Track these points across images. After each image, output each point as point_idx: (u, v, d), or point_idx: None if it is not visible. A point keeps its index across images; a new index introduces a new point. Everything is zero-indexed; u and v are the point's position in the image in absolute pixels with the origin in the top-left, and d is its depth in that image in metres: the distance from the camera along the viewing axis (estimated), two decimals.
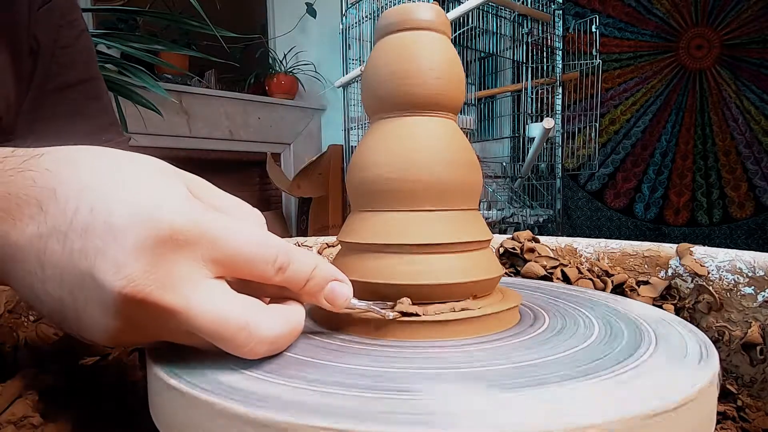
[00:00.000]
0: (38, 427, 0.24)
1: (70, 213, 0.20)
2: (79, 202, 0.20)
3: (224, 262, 0.21)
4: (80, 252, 0.19)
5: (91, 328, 0.21)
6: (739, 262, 0.38)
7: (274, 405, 0.18)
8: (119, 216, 0.19)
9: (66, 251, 0.20)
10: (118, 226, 0.19)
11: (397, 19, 0.29)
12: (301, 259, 0.23)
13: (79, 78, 0.50)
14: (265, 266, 0.22)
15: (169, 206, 0.20)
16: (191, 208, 0.21)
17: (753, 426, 0.32)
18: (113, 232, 0.19)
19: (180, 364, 0.22)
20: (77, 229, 0.19)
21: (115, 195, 0.20)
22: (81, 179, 0.20)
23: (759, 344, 0.35)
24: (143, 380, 0.24)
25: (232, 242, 0.21)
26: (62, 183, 0.20)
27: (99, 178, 0.20)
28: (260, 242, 0.22)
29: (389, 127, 0.29)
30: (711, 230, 2.34)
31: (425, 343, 0.25)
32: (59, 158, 0.21)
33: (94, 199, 0.20)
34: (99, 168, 0.21)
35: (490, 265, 0.29)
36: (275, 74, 2.59)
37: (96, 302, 0.20)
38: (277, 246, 0.22)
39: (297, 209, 2.61)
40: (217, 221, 0.21)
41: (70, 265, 0.20)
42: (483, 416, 0.17)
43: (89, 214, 0.19)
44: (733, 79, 2.26)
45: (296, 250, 0.23)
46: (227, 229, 0.21)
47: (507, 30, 1.87)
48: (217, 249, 0.21)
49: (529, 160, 1.77)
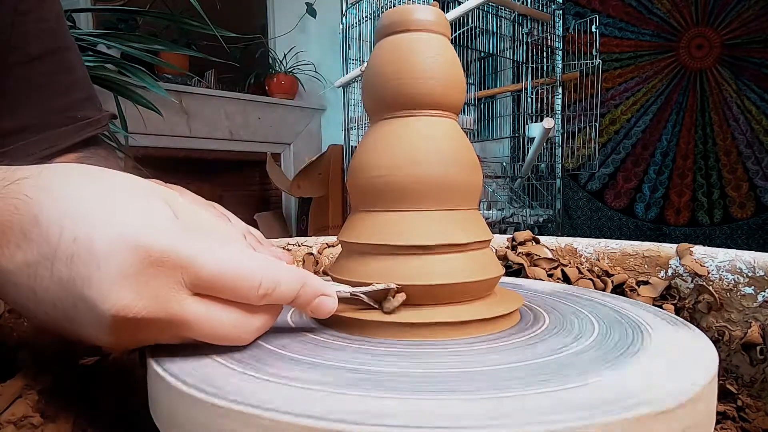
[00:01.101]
0: (38, 427, 0.24)
1: (54, 241, 0.20)
2: (62, 229, 0.20)
3: (204, 287, 0.21)
4: (68, 280, 0.20)
5: (92, 339, 0.22)
6: (739, 262, 0.38)
7: (275, 405, 0.18)
8: (101, 243, 0.19)
9: (55, 279, 0.20)
10: (101, 254, 0.19)
11: (397, 20, 0.29)
12: (288, 281, 0.23)
13: (45, 48, 0.44)
14: (248, 292, 0.22)
15: (149, 230, 0.20)
16: (171, 231, 0.21)
17: (753, 426, 0.32)
18: (96, 260, 0.19)
19: (180, 364, 0.22)
20: (62, 258, 0.20)
21: (96, 221, 0.20)
22: (61, 206, 0.20)
23: (759, 344, 0.35)
24: (143, 380, 0.24)
25: (214, 268, 0.21)
26: (43, 211, 0.20)
27: (79, 204, 0.21)
28: (243, 268, 0.22)
29: (390, 127, 0.30)
30: (712, 230, 2.34)
31: (422, 342, 0.25)
32: (39, 185, 0.21)
33: (75, 227, 0.20)
34: (79, 193, 0.21)
35: (490, 265, 0.29)
36: (275, 74, 2.59)
37: (91, 323, 0.20)
38: (261, 271, 0.22)
39: (297, 209, 2.61)
40: (197, 245, 0.21)
41: (61, 292, 0.20)
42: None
43: (73, 242, 0.20)
44: (734, 79, 2.25)
45: (284, 270, 0.23)
46: (208, 254, 0.21)
47: (507, 30, 1.87)
48: (196, 275, 0.21)
49: (529, 160, 1.77)
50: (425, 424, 0.17)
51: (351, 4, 1.99)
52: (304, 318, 0.30)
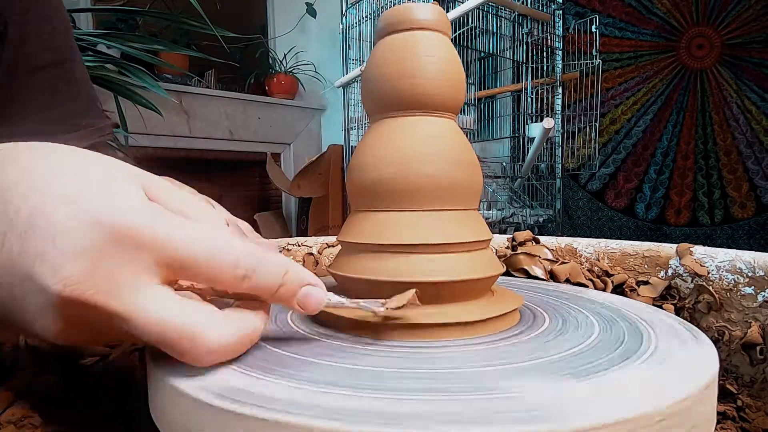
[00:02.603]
0: (38, 427, 0.24)
1: (11, 214, 0.19)
2: (22, 202, 0.19)
3: (176, 266, 0.20)
4: (19, 254, 0.19)
5: (36, 327, 0.20)
6: (739, 262, 0.38)
7: (276, 405, 0.18)
8: (60, 218, 0.19)
9: (5, 252, 0.19)
10: (58, 229, 0.18)
11: (398, 20, 0.29)
12: (270, 264, 0.22)
13: (52, 59, 0.45)
14: (224, 273, 0.20)
15: (116, 208, 0.19)
16: (142, 210, 0.20)
17: (753, 426, 0.32)
18: (52, 234, 0.18)
19: (180, 364, 0.22)
20: (17, 230, 0.19)
21: (59, 196, 0.19)
22: (26, 179, 0.20)
23: (759, 344, 0.35)
24: (143, 381, 0.23)
25: (186, 246, 0.20)
26: (7, 184, 0.20)
27: (45, 179, 0.20)
28: (218, 246, 0.20)
29: (389, 127, 0.29)
30: (712, 230, 2.34)
31: (417, 342, 0.25)
32: (4, 157, 0.21)
33: (36, 201, 0.19)
34: (46, 167, 0.20)
35: (491, 263, 0.29)
36: (275, 74, 2.59)
37: (37, 304, 0.19)
38: (238, 251, 0.21)
39: (297, 209, 2.61)
40: (170, 223, 0.20)
41: (9, 266, 0.19)
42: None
43: (30, 216, 0.19)
44: (734, 79, 2.25)
45: (266, 255, 0.22)
46: (181, 232, 0.20)
47: (507, 30, 1.87)
48: (168, 253, 0.20)
49: (529, 160, 1.77)
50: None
51: (351, 4, 1.99)
52: (304, 318, 0.30)
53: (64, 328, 0.20)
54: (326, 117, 2.76)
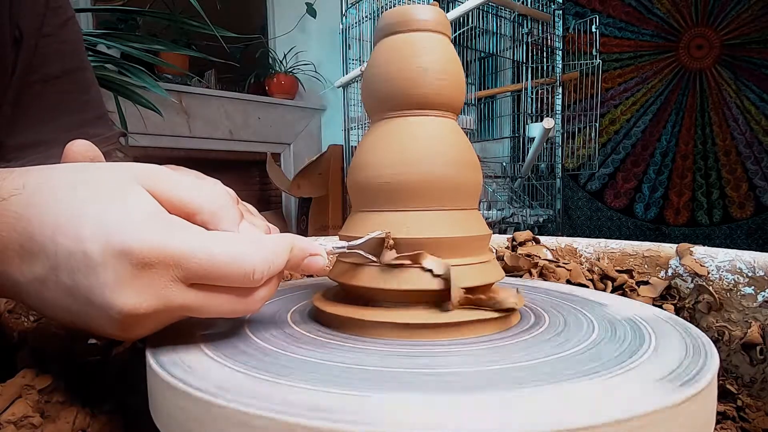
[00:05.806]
0: (38, 427, 0.24)
1: (53, 257, 0.21)
2: (56, 246, 0.21)
3: (195, 280, 0.22)
4: (74, 288, 0.21)
5: (106, 334, 0.23)
6: (739, 262, 0.38)
7: (277, 405, 0.18)
8: (93, 254, 0.21)
9: (61, 289, 0.22)
10: (94, 265, 0.21)
11: (398, 20, 0.29)
12: (280, 252, 0.24)
13: (64, 69, 0.47)
14: (243, 280, 0.23)
15: (130, 231, 0.21)
16: (153, 227, 0.21)
17: (753, 426, 0.32)
18: (95, 271, 0.21)
19: (180, 364, 0.22)
20: (63, 271, 0.21)
21: (84, 232, 0.21)
22: (50, 222, 0.22)
23: (759, 344, 0.35)
24: (143, 380, 0.24)
25: (203, 261, 0.22)
26: (35, 229, 0.22)
27: (66, 218, 0.22)
28: (234, 257, 0.22)
29: (390, 127, 0.30)
30: (711, 230, 2.34)
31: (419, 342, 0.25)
32: (26, 202, 0.22)
33: (67, 243, 0.21)
34: (65, 204, 0.22)
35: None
36: (275, 74, 2.59)
37: (103, 322, 0.22)
38: (253, 257, 0.23)
39: (297, 209, 2.61)
40: (183, 237, 0.22)
41: (70, 299, 0.22)
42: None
43: (69, 257, 0.21)
44: (734, 79, 2.26)
45: (272, 244, 0.24)
46: (196, 245, 0.22)
47: (507, 30, 1.87)
48: (188, 270, 0.22)
49: (529, 160, 1.77)
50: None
51: (351, 4, 1.99)
52: (304, 318, 0.30)
53: (131, 332, 0.23)
54: (326, 117, 2.76)
